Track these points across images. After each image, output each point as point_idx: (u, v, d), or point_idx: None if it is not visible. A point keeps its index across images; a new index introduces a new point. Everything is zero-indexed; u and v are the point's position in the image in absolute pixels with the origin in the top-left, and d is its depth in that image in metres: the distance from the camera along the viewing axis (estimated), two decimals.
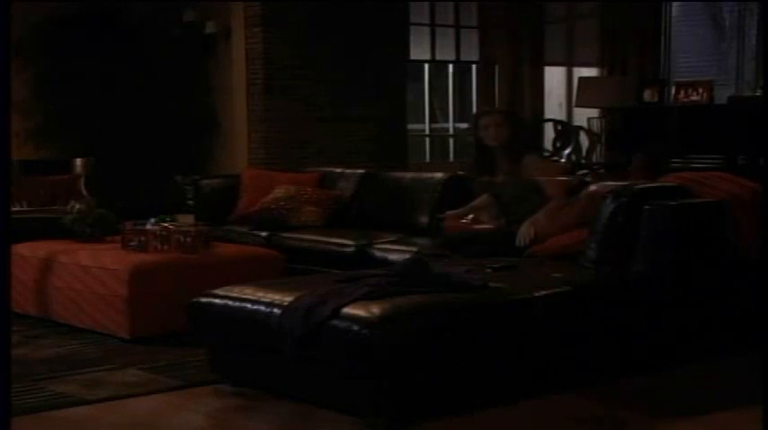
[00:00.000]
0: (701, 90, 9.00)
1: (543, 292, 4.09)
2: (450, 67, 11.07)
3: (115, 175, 8.16)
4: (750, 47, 9.76)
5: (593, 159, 10.06)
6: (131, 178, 8.45)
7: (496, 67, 10.99)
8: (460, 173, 6.64)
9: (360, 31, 9.20)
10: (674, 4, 10.25)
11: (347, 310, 3.67)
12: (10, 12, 3.39)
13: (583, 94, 9.93)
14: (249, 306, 3.97)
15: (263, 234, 6.49)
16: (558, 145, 10.66)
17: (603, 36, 10.43)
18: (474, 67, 11.08)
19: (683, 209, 4.59)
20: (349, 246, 5.99)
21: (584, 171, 9.23)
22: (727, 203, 4.66)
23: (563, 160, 10.29)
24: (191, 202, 7.12)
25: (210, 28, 9.02)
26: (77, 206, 6.01)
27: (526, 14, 10.93)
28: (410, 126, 10.23)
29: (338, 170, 7.20)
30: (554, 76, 11.33)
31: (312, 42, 8.99)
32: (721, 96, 9.22)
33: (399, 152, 9.64)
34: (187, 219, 5.82)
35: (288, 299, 3.89)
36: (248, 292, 4.06)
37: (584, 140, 10.44)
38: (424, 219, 6.31)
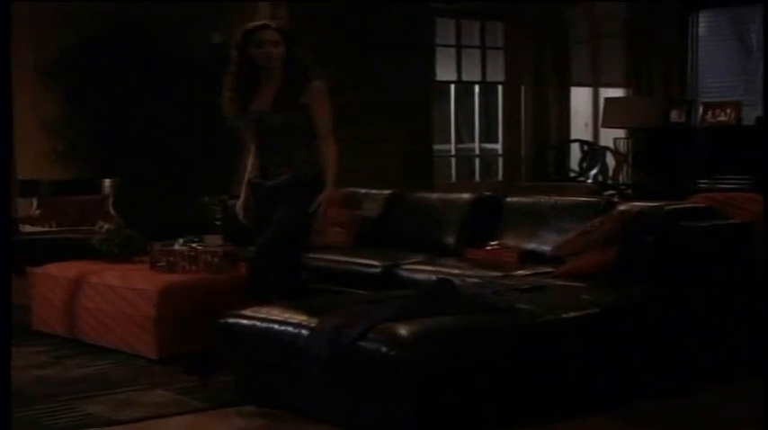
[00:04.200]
0: (728, 110, 8.97)
1: (572, 314, 4.07)
2: (476, 87, 11.08)
3: (142, 196, 8.21)
4: None
5: (620, 180, 10.03)
6: (159, 198, 8.49)
7: (522, 88, 10.99)
8: (488, 193, 6.63)
9: (386, 52, 9.22)
10: (701, 24, 10.23)
11: (375, 332, 3.67)
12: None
13: (609, 114, 9.92)
14: (276, 327, 3.98)
15: None
16: (585, 166, 10.65)
17: (629, 56, 10.43)
18: (500, 87, 11.08)
19: (712, 230, 4.57)
20: (375, 266, 5.98)
21: (611, 192, 9.22)
22: (754, 224, 4.64)
23: (590, 181, 10.28)
24: (218, 223, 7.14)
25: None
26: (105, 226, 6.06)
27: (551, 35, 10.94)
28: (436, 146, 10.23)
29: (364, 191, 7.20)
30: (580, 97, 11.32)
31: (338, 63, 9.00)
32: (749, 117, 9.18)
33: (425, 172, 9.64)
34: (215, 240, 5.83)
35: (315, 320, 3.89)
36: (275, 313, 4.07)
37: (610, 161, 10.42)
38: (451, 240, 6.30)
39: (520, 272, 5.33)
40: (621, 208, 5.35)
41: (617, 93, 10.66)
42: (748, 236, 4.62)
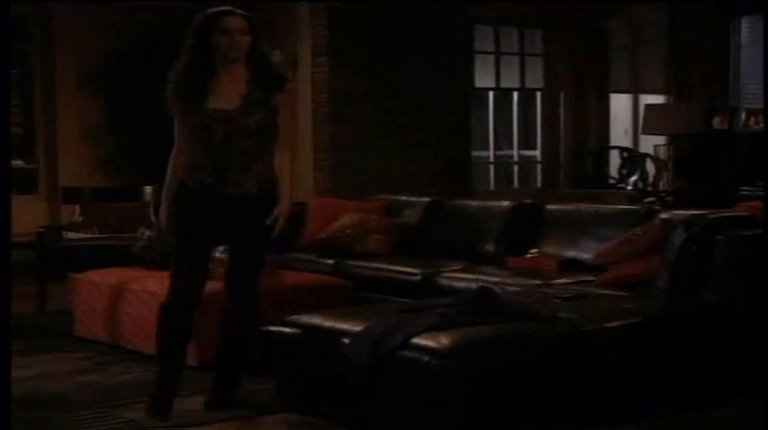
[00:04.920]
0: None
1: (614, 323, 4.04)
2: (515, 94, 11.04)
3: None
4: None
5: (660, 187, 9.96)
6: None
7: (561, 95, 10.95)
8: (528, 201, 6.61)
9: (425, 59, 9.22)
10: (743, 29, 10.13)
11: (416, 341, 3.66)
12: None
13: (649, 120, 9.86)
14: (318, 334, 3.98)
15: (330, 262, 6.51)
16: (624, 172, 10.58)
17: (670, 62, 10.35)
18: (538, 94, 11.05)
19: (756, 239, 4.51)
20: (415, 274, 5.98)
21: (651, 199, 9.15)
22: None
23: (629, 188, 10.21)
24: None
25: (277, 57, 9.10)
26: (147, 233, 6.09)
27: (590, 41, 10.89)
28: (474, 153, 10.22)
29: (404, 198, 7.20)
30: (619, 103, 11.25)
31: (377, 70, 9.03)
32: None
33: (464, 179, 9.62)
34: None
35: (356, 328, 3.89)
36: (317, 321, 4.07)
37: (650, 168, 10.35)
38: (490, 248, 6.28)
39: (560, 280, 5.31)
40: (663, 216, 5.31)
41: (656, 99, 10.58)
42: None
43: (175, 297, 4.21)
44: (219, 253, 4.87)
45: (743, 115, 9.38)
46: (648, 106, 10.15)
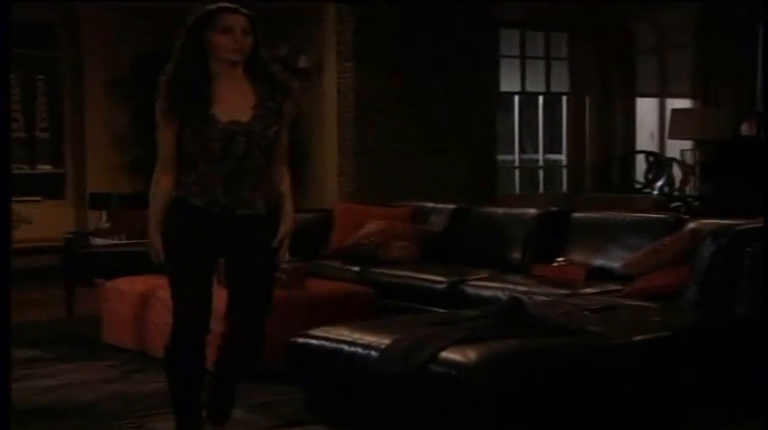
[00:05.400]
0: None
1: (643, 337, 4.02)
2: (540, 98, 11.01)
3: None
4: None
5: (687, 192, 9.90)
6: None
7: (587, 99, 10.91)
8: (554, 208, 6.59)
9: (450, 64, 9.21)
10: None
11: (445, 354, 3.66)
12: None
13: (676, 125, 9.79)
14: (346, 348, 3.98)
15: (355, 269, 6.52)
16: (650, 177, 10.52)
17: (697, 66, 10.29)
18: (564, 98, 11.01)
19: None
20: (441, 282, 5.98)
21: (678, 204, 9.10)
22: None
23: (655, 193, 10.15)
24: None
25: (304, 62, 9.13)
26: None
27: (616, 45, 10.84)
28: (499, 157, 10.20)
29: (430, 205, 7.19)
30: (646, 108, 11.19)
31: (403, 75, 9.03)
32: None
33: (489, 183, 9.61)
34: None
35: (385, 341, 3.88)
36: (345, 334, 4.07)
37: (676, 173, 10.29)
38: (517, 256, 6.27)
39: (587, 289, 5.29)
40: (692, 226, 5.29)
41: (683, 104, 10.52)
42: None
43: (182, 334, 3.67)
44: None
45: None
46: (675, 111, 10.08)
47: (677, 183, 10.10)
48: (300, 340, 4.18)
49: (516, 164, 11.03)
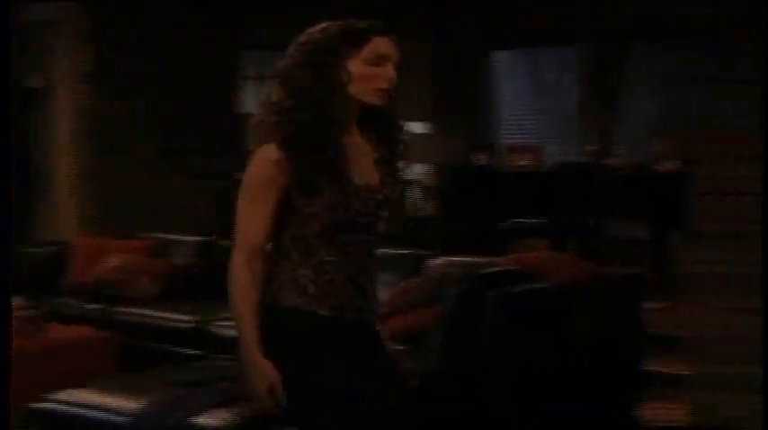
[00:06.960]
0: (530, 154, 9.24)
1: None
2: None
3: None
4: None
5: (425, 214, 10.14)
6: None
7: None
8: None
9: (192, 86, 9.00)
10: (500, 63, 10.52)
11: (199, 420, 3.55)
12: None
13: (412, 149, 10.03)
14: (90, 413, 3.79)
15: (97, 307, 6.24)
16: None
17: (434, 92, 10.61)
18: None
19: (527, 296, 4.57)
20: (187, 322, 5.83)
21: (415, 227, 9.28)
22: (570, 289, 4.65)
23: None
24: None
25: (32, 82, 8.63)
26: None
27: None
28: None
29: (174, 237, 6.96)
30: None
31: (143, 98, 8.73)
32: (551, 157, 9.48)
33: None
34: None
35: (131, 404, 3.73)
36: (87, 398, 3.87)
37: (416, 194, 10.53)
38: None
39: None
40: (436, 263, 5.29)
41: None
42: (567, 301, 4.59)
43: None
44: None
45: (503, 151, 9.71)
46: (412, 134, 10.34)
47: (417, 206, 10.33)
48: (42, 406, 3.94)
49: None
